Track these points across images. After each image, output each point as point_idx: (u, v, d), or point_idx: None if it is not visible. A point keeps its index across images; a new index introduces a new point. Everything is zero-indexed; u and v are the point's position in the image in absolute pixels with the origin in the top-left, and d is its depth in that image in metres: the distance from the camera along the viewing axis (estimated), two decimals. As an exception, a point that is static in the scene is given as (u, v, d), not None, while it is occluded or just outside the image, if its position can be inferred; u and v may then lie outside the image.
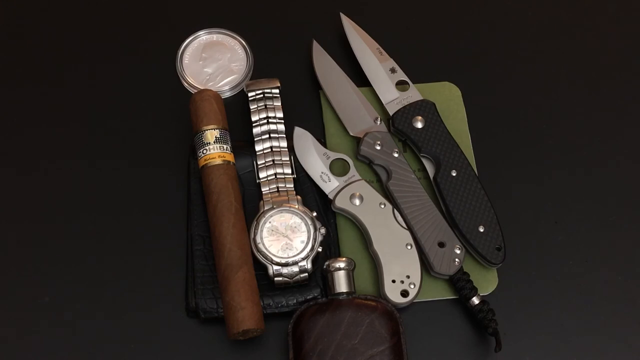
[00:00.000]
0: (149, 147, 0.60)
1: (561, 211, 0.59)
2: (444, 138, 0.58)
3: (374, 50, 0.62)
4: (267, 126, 0.57)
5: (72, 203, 0.58)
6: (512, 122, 0.62)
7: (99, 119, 0.61)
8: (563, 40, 0.66)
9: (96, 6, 0.67)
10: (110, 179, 0.59)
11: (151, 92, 0.63)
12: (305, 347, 0.50)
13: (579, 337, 0.55)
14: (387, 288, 0.53)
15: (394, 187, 0.56)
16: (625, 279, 0.57)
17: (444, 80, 0.63)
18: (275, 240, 0.54)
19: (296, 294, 0.54)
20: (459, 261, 0.54)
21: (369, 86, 0.61)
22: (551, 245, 0.58)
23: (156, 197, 0.58)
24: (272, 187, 0.56)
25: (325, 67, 0.62)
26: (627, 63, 0.65)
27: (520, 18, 0.67)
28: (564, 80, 0.64)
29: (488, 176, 0.59)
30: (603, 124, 0.63)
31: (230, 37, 0.65)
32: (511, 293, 0.56)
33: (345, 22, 0.63)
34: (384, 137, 0.58)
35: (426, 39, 0.66)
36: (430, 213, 0.56)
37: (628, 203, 0.59)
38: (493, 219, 0.55)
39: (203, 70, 0.63)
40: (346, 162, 0.58)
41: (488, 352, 0.54)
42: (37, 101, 0.62)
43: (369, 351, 0.50)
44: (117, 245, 0.56)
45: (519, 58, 0.65)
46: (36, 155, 0.60)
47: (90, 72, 0.63)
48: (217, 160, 0.55)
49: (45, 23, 0.66)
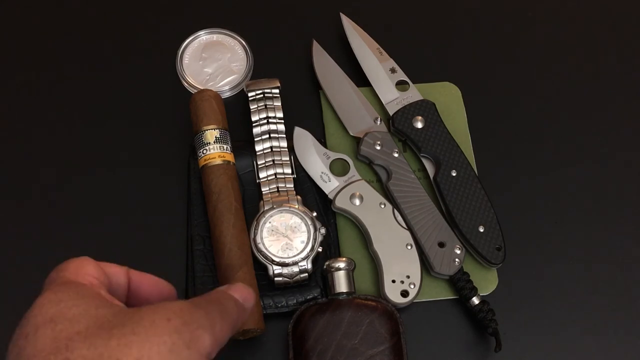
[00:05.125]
0: (149, 147, 0.60)
1: (561, 211, 0.59)
2: (444, 138, 0.58)
3: (374, 50, 0.62)
4: (267, 126, 0.57)
5: (72, 203, 0.58)
6: (512, 123, 0.62)
7: (99, 119, 0.61)
8: (563, 40, 0.66)
9: (96, 6, 0.67)
10: (110, 179, 0.59)
11: (151, 92, 0.63)
12: (305, 347, 0.50)
13: (579, 337, 0.55)
14: (387, 288, 0.53)
15: (394, 187, 0.56)
16: (625, 279, 0.57)
17: (444, 80, 0.63)
18: (275, 240, 0.54)
19: (296, 294, 0.54)
20: (459, 261, 0.54)
21: (369, 86, 0.61)
22: (551, 245, 0.58)
23: (156, 197, 0.58)
24: (272, 187, 0.56)
25: (325, 67, 0.62)
26: (628, 63, 0.66)
27: (520, 18, 0.67)
28: (564, 80, 0.64)
29: (488, 176, 0.59)
30: (603, 124, 0.63)
31: (230, 37, 0.65)
32: (511, 293, 0.56)
33: (345, 22, 0.63)
34: (384, 137, 0.58)
35: (426, 39, 0.66)
36: (430, 213, 0.56)
37: (628, 203, 0.59)
38: (493, 219, 0.55)
39: (203, 70, 0.63)
40: (346, 162, 0.58)
41: (488, 352, 0.54)
42: (37, 101, 0.62)
43: (369, 351, 0.50)
44: (117, 245, 0.56)
45: (519, 58, 0.65)
46: (36, 155, 0.60)
47: (90, 72, 0.63)
48: (217, 160, 0.55)
49: (45, 23, 0.66)
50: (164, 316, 0.36)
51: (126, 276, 0.42)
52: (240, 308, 0.42)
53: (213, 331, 0.37)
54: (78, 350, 0.34)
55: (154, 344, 0.34)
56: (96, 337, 0.34)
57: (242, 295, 0.43)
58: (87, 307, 0.36)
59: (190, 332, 0.36)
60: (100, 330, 0.35)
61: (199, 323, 0.37)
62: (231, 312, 0.41)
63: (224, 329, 0.39)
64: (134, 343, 0.34)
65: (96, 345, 0.34)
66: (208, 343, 0.37)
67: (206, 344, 0.37)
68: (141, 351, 0.34)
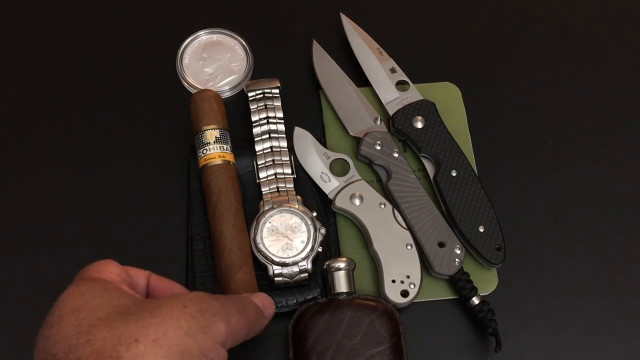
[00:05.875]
0: (149, 147, 0.60)
1: (561, 211, 0.59)
2: (444, 138, 0.58)
3: (374, 50, 0.62)
4: (267, 126, 0.57)
5: (72, 203, 0.58)
6: (512, 122, 0.62)
7: (99, 119, 0.61)
8: (563, 40, 0.66)
9: (96, 6, 0.67)
10: (110, 179, 0.59)
11: (151, 92, 0.63)
12: (305, 347, 0.50)
13: (579, 337, 0.55)
14: (387, 288, 0.53)
15: (394, 187, 0.56)
16: (625, 279, 0.57)
17: (444, 80, 0.63)
18: (275, 240, 0.54)
19: (296, 294, 0.54)
20: (459, 261, 0.54)
21: (369, 86, 0.61)
22: (551, 245, 0.58)
23: (156, 197, 0.58)
24: (272, 187, 0.56)
25: (325, 67, 0.62)
26: (628, 63, 0.66)
27: (520, 18, 0.67)
28: (564, 80, 0.64)
29: (488, 176, 0.59)
30: (603, 124, 0.63)
31: (230, 37, 0.65)
32: (511, 293, 0.56)
33: (345, 22, 0.63)
34: (384, 137, 0.58)
35: (426, 39, 0.66)
36: (430, 213, 0.56)
37: (628, 203, 0.59)
38: (493, 219, 0.55)
39: (203, 70, 0.63)
40: (346, 162, 0.58)
41: (488, 352, 0.54)
42: (37, 101, 0.62)
43: (369, 351, 0.50)
44: (117, 245, 0.56)
45: (519, 58, 0.65)
46: (36, 155, 0.60)
47: (90, 72, 0.63)
48: (217, 160, 0.55)
49: (45, 23, 0.66)
50: (180, 303, 0.38)
51: (146, 279, 0.44)
52: (259, 312, 0.44)
53: (228, 322, 0.39)
54: (99, 334, 0.36)
55: (170, 327, 0.36)
56: (116, 321, 0.36)
57: (263, 303, 0.45)
58: (109, 298, 0.38)
59: (206, 319, 0.38)
60: (119, 316, 0.37)
61: (214, 311, 0.39)
62: (249, 312, 0.43)
63: (240, 324, 0.41)
64: (151, 325, 0.36)
65: (116, 328, 0.36)
66: (223, 331, 0.39)
67: (221, 331, 0.38)
68: (158, 332, 0.36)
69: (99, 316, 0.37)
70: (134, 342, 0.35)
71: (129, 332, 0.36)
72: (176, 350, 0.36)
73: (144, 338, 0.36)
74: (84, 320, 0.37)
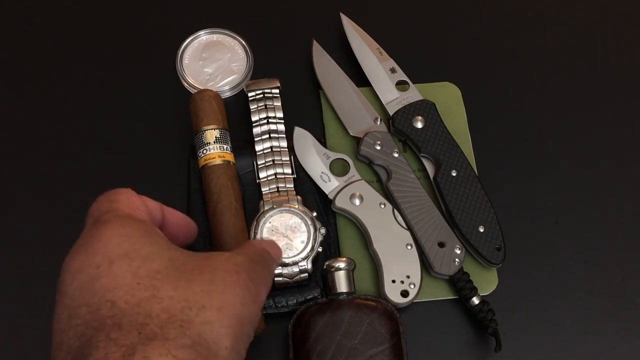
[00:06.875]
0: (149, 147, 0.60)
1: (561, 211, 0.59)
2: (444, 138, 0.58)
3: (374, 50, 0.62)
4: (267, 126, 0.57)
5: (72, 203, 0.58)
6: (512, 122, 0.62)
7: (99, 119, 0.61)
8: (563, 40, 0.66)
9: (96, 6, 0.67)
10: (110, 179, 0.59)
11: (151, 92, 0.63)
12: (305, 347, 0.50)
13: (579, 337, 0.55)
14: (387, 288, 0.53)
15: (394, 187, 0.56)
16: (625, 279, 0.57)
17: (444, 80, 0.63)
18: (275, 240, 0.54)
19: (296, 294, 0.54)
20: (459, 261, 0.54)
21: (369, 86, 0.61)
22: (551, 245, 0.58)
23: (156, 197, 0.58)
24: (272, 187, 0.56)
25: (325, 67, 0.62)
26: (628, 63, 0.66)
27: (520, 18, 0.67)
28: (564, 80, 0.64)
29: (488, 176, 0.59)
30: (604, 124, 0.63)
31: (230, 37, 0.65)
32: (511, 293, 0.56)
33: (345, 22, 0.63)
34: (384, 137, 0.58)
35: (426, 39, 0.66)
36: (430, 213, 0.56)
37: (628, 203, 0.59)
38: (493, 219, 0.55)
39: (203, 70, 0.63)
40: (346, 162, 0.58)
41: (488, 352, 0.54)
42: (37, 101, 0.62)
43: (369, 351, 0.50)
44: (117, 245, 0.56)
45: (519, 58, 0.65)
46: (36, 155, 0.60)
47: (91, 72, 0.63)
48: (217, 160, 0.55)
49: (45, 23, 0.66)
50: (232, 269, 0.37)
51: (161, 212, 0.43)
52: (274, 264, 0.45)
53: (267, 287, 0.40)
54: (164, 291, 0.34)
55: (229, 296, 0.35)
56: (178, 280, 0.34)
57: (274, 252, 0.45)
58: (159, 247, 0.36)
59: (255, 288, 0.38)
60: (178, 273, 0.35)
61: (260, 280, 0.39)
62: (271, 270, 0.43)
63: (269, 285, 0.41)
64: (214, 292, 0.35)
65: (181, 288, 0.34)
66: (264, 298, 0.39)
67: (264, 299, 0.39)
68: (220, 301, 0.35)
69: (157, 269, 0.34)
70: (202, 308, 0.34)
71: (195, 296, 0.34)
72: (235, 321, 0.35)
73: (210, 305, 0.34)
74: (140, 269, 0.34)
